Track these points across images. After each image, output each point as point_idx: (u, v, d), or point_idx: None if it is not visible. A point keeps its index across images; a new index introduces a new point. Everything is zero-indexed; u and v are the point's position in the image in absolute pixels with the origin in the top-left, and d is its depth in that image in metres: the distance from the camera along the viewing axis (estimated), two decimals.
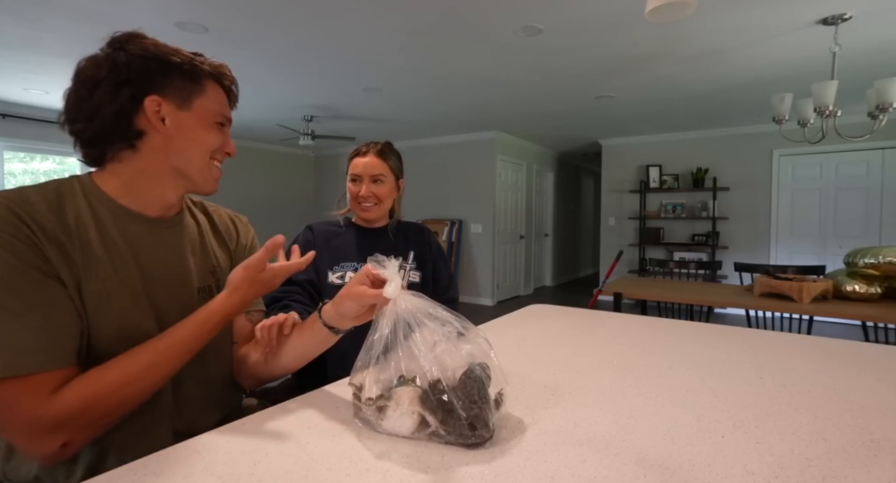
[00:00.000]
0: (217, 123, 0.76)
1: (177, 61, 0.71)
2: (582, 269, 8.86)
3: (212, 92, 0.75)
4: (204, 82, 0.74)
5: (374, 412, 0.62)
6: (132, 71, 0.68)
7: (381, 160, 1.35)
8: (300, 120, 5.23)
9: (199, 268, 0.81)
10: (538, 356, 1.01)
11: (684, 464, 0.56)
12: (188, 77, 0.72)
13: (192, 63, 0.72)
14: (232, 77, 0.80)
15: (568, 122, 5.32)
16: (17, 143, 4.82)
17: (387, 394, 0.62)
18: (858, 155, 4.89)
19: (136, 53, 0.69)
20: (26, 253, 0.59)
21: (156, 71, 0.70)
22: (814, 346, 1.10)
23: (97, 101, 0.68)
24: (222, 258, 0.87)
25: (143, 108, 0.69)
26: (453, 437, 0.59)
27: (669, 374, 0.89)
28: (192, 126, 0.73)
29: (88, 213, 0.68)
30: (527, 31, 2.79)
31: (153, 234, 0.75)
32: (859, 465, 0.56)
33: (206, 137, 0.75)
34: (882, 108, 2.41)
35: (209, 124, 0.75)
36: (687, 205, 5.87)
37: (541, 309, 1.53)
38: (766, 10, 2.49)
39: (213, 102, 0.75)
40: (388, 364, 0.63)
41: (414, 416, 0.60)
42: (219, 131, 0.77)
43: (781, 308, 2.28)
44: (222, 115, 0.77)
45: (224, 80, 0.78)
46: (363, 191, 1.33)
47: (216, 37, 2.90)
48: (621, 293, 2.74)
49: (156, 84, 0.70)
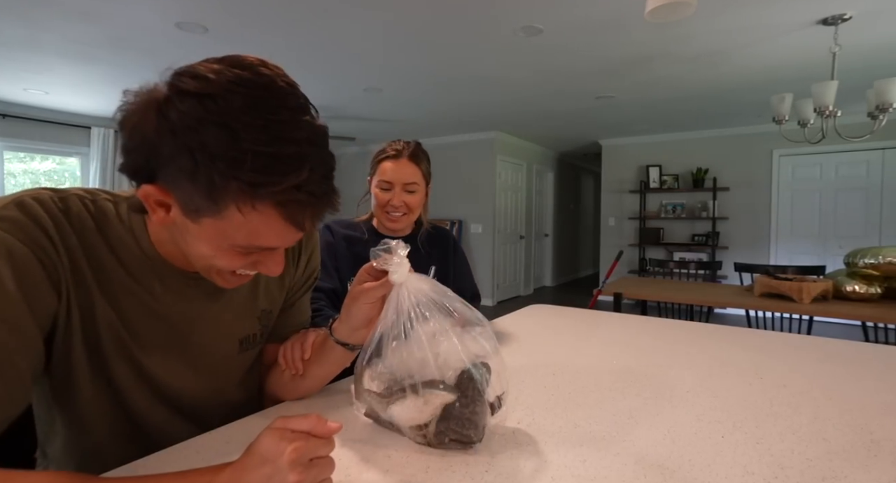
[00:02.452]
0: (237, 251, 0.54)
1: (189, 165, 0.46)
2: (582, 270, 8.86)
3: (236, 220, 0.49)
4: (226, 207, 0.48)
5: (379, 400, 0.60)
6: (147, 143, 0.49)
7: (415, 166, 1.21)
8: None
9: (246, 316, 0.71)
10: (538, 356, 1.01)
11: (684, 464, 0.56)
12: (202, 192, 0.48)
13: (216, 175, 0.46)
14: (320, 192, 0.51)
15: (568, 122, 5.32)
16: (17, 143, 4.82)
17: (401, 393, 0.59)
18: (858, 155, 4.89)
19: (173, 123, 0.46)
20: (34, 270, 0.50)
21: (167, 159, 0.48)
22: (814, 346, 1.10)
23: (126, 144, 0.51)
24: (277, 292, 0.76)
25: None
26: (442, 437, 0.58)
27: (669, 374, 0.89)
28: (196, 236, 0.53)
29: (120, 247, 0.59)
30: (527, 31, 2.79)
31: (186, 288, 0.64)
32: (859, 465, 0.56)
33: (211, 256, 0.55)
34: (882, 108, 2.41)
35: (219, 250, 0.54)
36: (687, 205, 5.87)
37: (541, 309, 1.53)
38: (766, 11, 2.49)
39: (235, 232, 0.51)
40: (390, 356, 0.60)
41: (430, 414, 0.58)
42: (236, 256, 0.55)
43: (781, 308, 2.28)
44: (248, 247, 0.53)
45: (294, 208, 0.50)
46: (394, 200, 1.19)
47: (216, 37, 2.90)
48: (621, 293, 2.73)
49: (158, 174, 0.50)
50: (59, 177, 5.28)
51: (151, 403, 0.65)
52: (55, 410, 0.63)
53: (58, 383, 0.60)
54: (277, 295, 0.77)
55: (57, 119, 4.99)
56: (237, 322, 0.70)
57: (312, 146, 0.49)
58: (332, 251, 1.22)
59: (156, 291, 0.62)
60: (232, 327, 0.70)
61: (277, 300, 0.77)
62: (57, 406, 0.62)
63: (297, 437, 0.45)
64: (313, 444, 0.45)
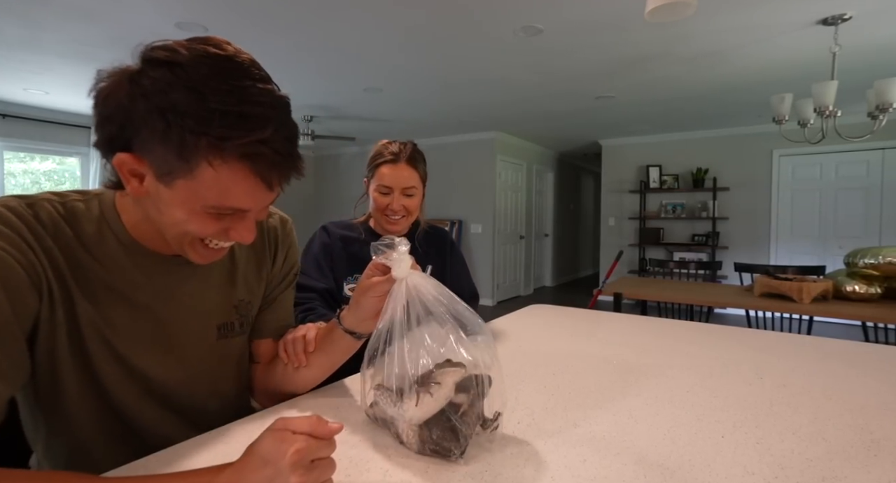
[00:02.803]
0: (208, 211, 0.55)
1: (161, 126, 0.49)
2: (582, 270, 8.86)
3: (207, 178, 0.51)
4: (197, 166, 0.51)
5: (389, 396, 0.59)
6: (121, 109, 0.51)
7: (413, 169, 1.21)
8: (300, 120, 5.23)
9: (223, 303, 0.72)
10: (538, 356, 1.01)
11: (684, 464, 0.56)
12: (173, 151, 0.50)
13: (186, 133, 0.49)
14: (285, 151, 0.53)
15: (568, 122, 5.32)
16: (17, 143, 4.82)
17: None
18: (858, 155, 4.89)
19: (145, 87, 0.50)
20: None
21: (140, 123, 0.50)
22: (814, 346, 1.10)
23: (100, 114, 0.54)
24: (255, 285, 0.77)
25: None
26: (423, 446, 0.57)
27: (669, 374, 0.89)
28: (169, 201, 0.54)
29: (96, 243, 0.60)
30: (527, 31, 2.79)
31: (166, 272, 0.65)
32: (859, 465, 0.56)
33: (184, 221, 0.56)
34: (882, 108, 2.40)
35: (192, 213, 0.55)
36: (687, 205, 5.87)
37: (541, 309, 1.53)
38: (766, 11, 2.49)
39: (206, 191, 0.52)
40: (385, 362, 0.60)
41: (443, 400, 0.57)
42: (208, 220, 0.56)
43: (781, 308, 2.28)
44: (219, 207, 0.54)
45: (261, 163, 0.52)
46: (394, 204, 1.19)
47: None
48: (621, 293, 2.73)
49: (133, 142, 0.52)
50: (59, 177, 5.28)
51: (139, 399, 0.65)
52: (41, 415, 0.63)
53: (43, 386, 0.60)
54: (256, 286, 0.77)
55: (57, 119, 4.99)
56: (214, 308, 0.71)
57: (275, 110, 0.53)
58: (327, 251, 1.23)
59: (136, 281, 0.63)
60: (209, 312, 0.70)
61: (256, 292, 0.77)
62: (43, 410, 0.62)
63: (299, 438, 0.45)
64: (314, 445, 0.45)
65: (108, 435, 0.64)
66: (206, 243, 0.60)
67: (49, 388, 0.60)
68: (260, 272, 0.78)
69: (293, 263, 0.84)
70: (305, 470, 0.44)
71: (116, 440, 0.65)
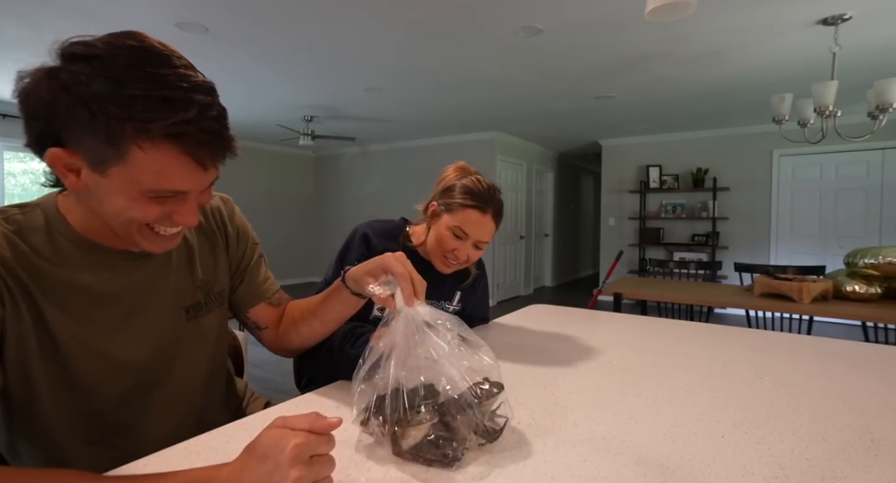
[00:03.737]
0: (147, 196, 0.55)
1: (86, 116, 0.49)
2: (582, 270, 8.86)
3: (140, 161, 0.51)
4: (128, 151, 0.51)
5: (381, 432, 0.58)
6: (43, 105, 0.52)
7: (495, 224, 1.14)
8: (300, 120, 5.23)
9: (186, 285, 0.74)
10: (538, 356, 1.01)
11: (684, 464, 0.56)
12: (102, 140, 0.51)
13: (112, 120, 0.49)
14: (204, 126, 0.53)
15: (568, 122, 5.32)
16: (18, 143, 4.82)
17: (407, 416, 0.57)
18: (858, 155, 4.89)
19: (64, 81, 0.50)
20: None
21: (65, 116, 0.51)
22: (814, 346, 1.10)
23: (25, 112, 0.54)
24: (212, 265, 0.79)
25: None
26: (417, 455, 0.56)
27: (669, 374, 0.89)
28: (107, 190, 0.55)
29: (50, 249, 0.60)
30: (527, 32, 2.79)
31: (126, 264, 0.66)
32: (859, 465, 0.56)
33: (127, 212, 0.56)
34: (882, 108, 2.40)
35: (131, 200, 0.55)
36: (687, 205, 5.87)
37: (541, 309, 1.53)
38: (766, 11, 2.49)
39: (141, 175, 0.53)
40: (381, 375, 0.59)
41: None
42: (149, 205, 0.56)
43: (781, 308, 2.28)
44: (157, 191, 0.55)
45: (182, 138, 0.52)
46: (462, 252, 1.10)
47: (216, 37, 2.90)
48: (621, 293, 2.73)
49: (62, 136, 0.52)
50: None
51: (121, 394, 0.66)
52: (15, 426, 0.63)
53: (15, 398, 0.60)
54: (215, 266, 0.79)
55: None
56: (179, 291, 0.73)
57: (199, 93, 0.53)
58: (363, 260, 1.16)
59: (100, 276, 0.64)
60: (174, 295, 0.72)
61: (219, 271, 0.80)
62: (17, 421, 0.63)
63: (298, 434, 0.45)
64: (314, 440, 0.45)
65: (87, 439, 0.65)
66: (154, 230, 0.60)
67: (23, 397, 0.60)
68: (215, 252, 0.80)
69: (248, 238, 0.86)
70: (305, 465, 0.44)
71: (97, 443, 0.65)
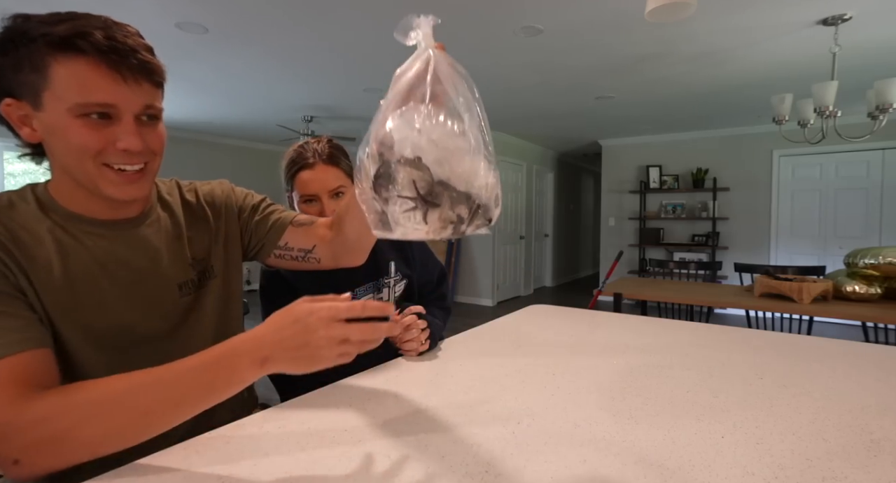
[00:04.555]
0: (81, 118, 0.57)
1: (9, 61, 0.56)
2: (582, 270, 8.86)
3: (61, 76, 0.55)
4: (47, 67, 0.55)
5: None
6: None
7: (335, 167, 1.07)
8: (300, 120, 5.23)
9: (177, 262, 0.74)
10: (538, 356, 1.00)
11: (684, 464, 0.56)
12: (28, 67, 0.55)
13: (30, 42, 0.54)
14: (111, 35, 0.57)
15: (568, 122, 5.32)
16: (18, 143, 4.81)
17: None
18: (858, 155, 4.89)
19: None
20: None
21: (1, 65, 0.57)
22: (814, 346, 1.10)
23: None
24: (203, 243, 0.79)
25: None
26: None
27: (669, 374, 0.89)
28: (53, 128, 0.58)
29: (42, 225, 0.62)
30: (527, 32, 2.79)
31: (115, 239, 0.68)
32: (859, 465, 0.56)
33: (71, 141, 0.58)
34: (882, 108, 2.41)
35: (68, 123, 0.57)
36: (687, 205, 5.87)
37: (541, 309, 1.53)
38: (766, 11, 2.49)
39: (65, 91, 0.55)
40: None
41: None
42: (85, 128, 0.57)
43: (781, 308, 2.28)
44: (84, 105, 0.56)
45: (89, 43, 0.55)
46: (326, 211, 1.05)
47: (216, 37, 2.90)
48: (621, 294, 2.73)
49: (5, 86, 0.58)
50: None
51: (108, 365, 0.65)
52: None
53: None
54: (202, 240, 0.79)
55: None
56: (171, 268, 0.73)
57: (106, 20, 0.58)
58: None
59: (94, 252, 0.65)
60: (167, 272, 0.73)
61: (207, 245, 0.79)
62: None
63: (328, 304, 0.50)
64: (344, 307, 0.49)
65: None
66: (112, 168, 0.61)
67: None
68: (204, 227, 0.80)
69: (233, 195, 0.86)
70: (330, 325, 0.47)
71: None
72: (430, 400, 0.76)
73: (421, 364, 0.95)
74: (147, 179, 0.66)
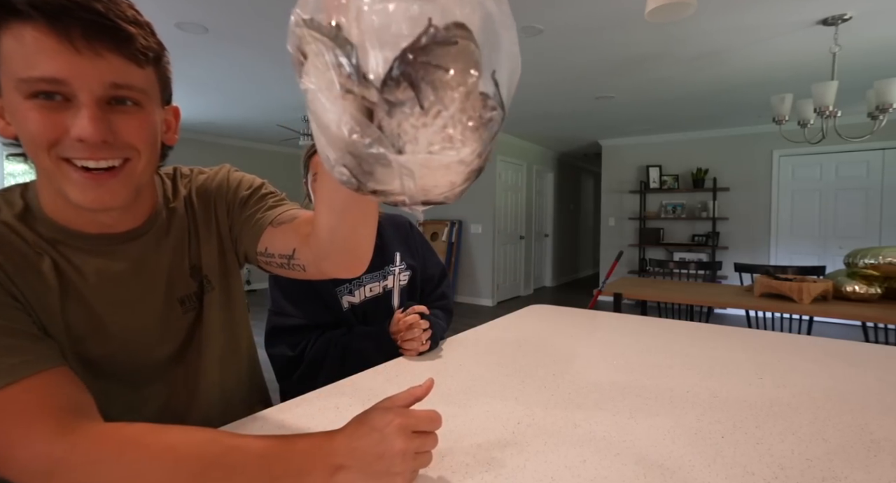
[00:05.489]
0: (30, 97, 0.48)
1: None
2: (582, 270, 8.86)
3: (8, 49, 0.47)
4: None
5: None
6: None
7: None
8: (300, 120, 5.23)
9: (178, 273, 0.67)
10: (538, 356, 1.00)
11: (684, 464, 0.56)
12: None
13: None
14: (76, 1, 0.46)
15: (568, 122, 5.32)
16: (18, 143, 4.81)
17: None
18: (858, 155, 4.89)
19: None
20: None
21: None
22: (814, 346, 1.10)
23: None
24: (207, 245, 0.71)
25: None
26: None
27: (669, 374, 0.89)
28: (12, 115, 0.50)
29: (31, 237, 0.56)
30: (527, 32, 2.79)
31: (105, 254, 0.60)
32: (859, 465, 0.56)
33: (23, 128, 0.49)
34: (882, 108, 2.40)
35: (18, 106, 0.48)
36: (687, 205, 5.87)
37: (541, 309, 1.53)
38: (765, 11, 2.49)
39: (13, 62, 0.47)
40: None
41: None
42: (33, 112, 0.48)
43: (781, 308, 2.27)
44: (26, 81, 0.47)
45: (34, 5, 0.45)
46: None
47: (216, 37, 2.90)
48: (621, 294, 2.73)
49: None
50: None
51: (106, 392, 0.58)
52: None
53: None
54: (207, 240, 0.70)
55: None
56: (173, 281, 0.66)
57: None
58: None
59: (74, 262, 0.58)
60: (165, 290, 0.65)
61: (208, 254, 0.70)
62: None
63: (403, 411, 0.50)
64: (415, 417, 0.50)
65: None
66: (74, 164, 0.50)
67: None
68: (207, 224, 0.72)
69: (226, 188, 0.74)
70: (409, 437, 0.48)
71: None
72: (430, 400, 0.75)
73: (421, 364, 0.95)
74: (124, 183, 0.54)
